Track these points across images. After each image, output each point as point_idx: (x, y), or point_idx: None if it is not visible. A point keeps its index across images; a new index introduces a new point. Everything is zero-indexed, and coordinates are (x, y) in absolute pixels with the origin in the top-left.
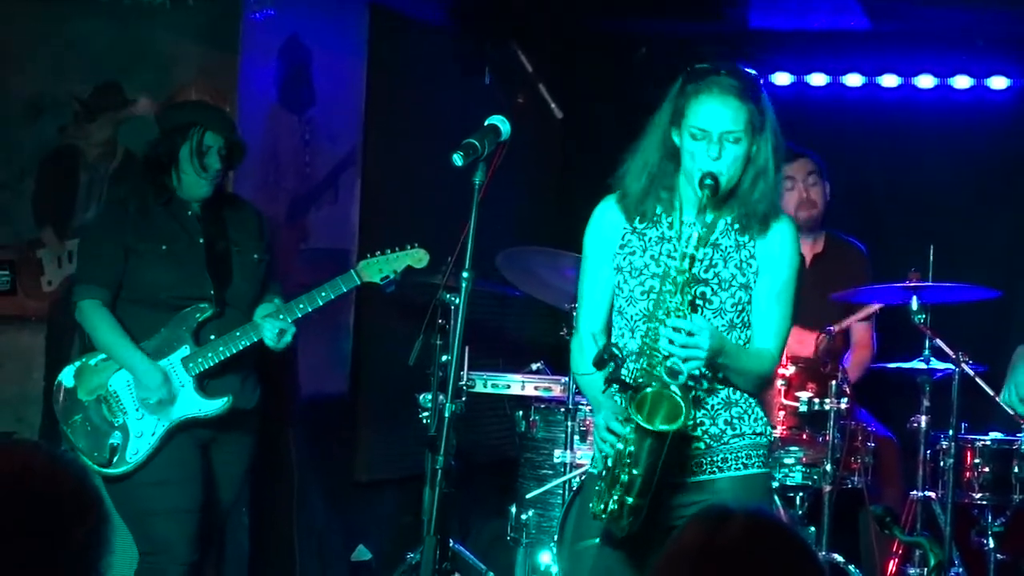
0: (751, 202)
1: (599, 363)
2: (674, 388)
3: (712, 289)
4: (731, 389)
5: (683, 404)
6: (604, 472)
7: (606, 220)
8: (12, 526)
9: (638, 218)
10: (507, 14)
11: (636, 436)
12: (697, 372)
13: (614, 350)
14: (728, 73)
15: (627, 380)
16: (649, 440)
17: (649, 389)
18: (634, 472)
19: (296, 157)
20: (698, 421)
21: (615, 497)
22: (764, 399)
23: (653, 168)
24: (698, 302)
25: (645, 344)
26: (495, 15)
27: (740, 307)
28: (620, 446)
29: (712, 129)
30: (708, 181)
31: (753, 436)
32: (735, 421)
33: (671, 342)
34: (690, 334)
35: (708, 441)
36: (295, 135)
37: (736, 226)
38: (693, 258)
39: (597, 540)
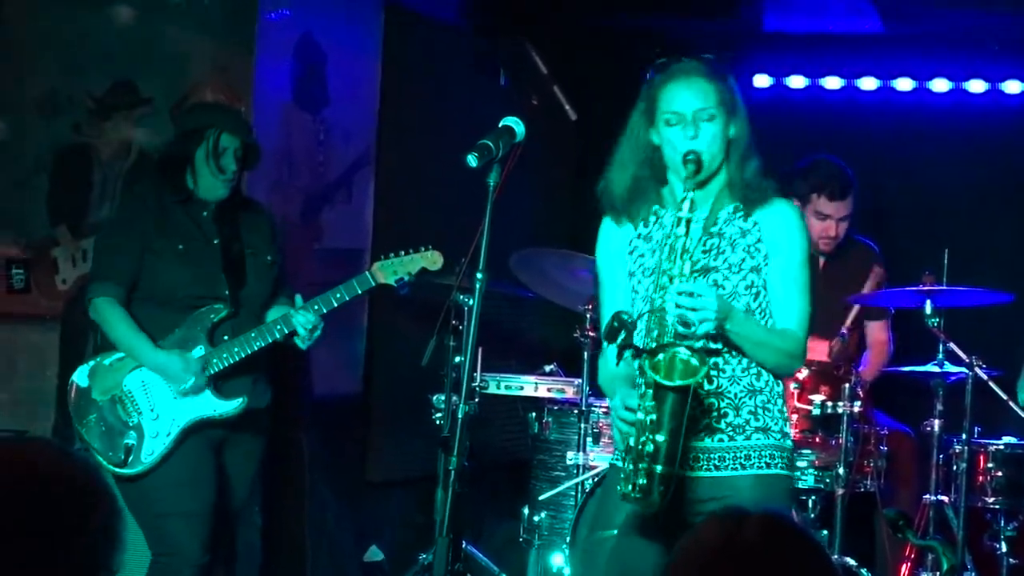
0: (743, 179)
1: (610, 334)
2: (684, 350)
3: (724, 275)
4: (753, 376)
5: (696, 360)
6: (628, 451)
7: (613, 233)
8: (22, 522)
9: (641, 223)
10: (521, 15)
11: (655, 402)
12: (724, 347)
13: (623, 316)
14: (690, 58)
15: (640, 346)
16: (669, 401)
17: (661, 355)
18: (658, 439)
19: (310, 156)
20: (722, 412)
21: (642, 470)
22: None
23: (634, 170)
24: (696, 275)
25: (653, 315)
26: (509, 16)
27: (755, 291)
28: (641, 415)
29: (684, 110)
30: (691, 156)
31: (779, 436)
32: (759, 411)
33: (678, 306)
34: (695, 295)
35: (731, 434)
36: (309, 134)
37: (739, 214)
38: (689, 221)
39: (614, 531)
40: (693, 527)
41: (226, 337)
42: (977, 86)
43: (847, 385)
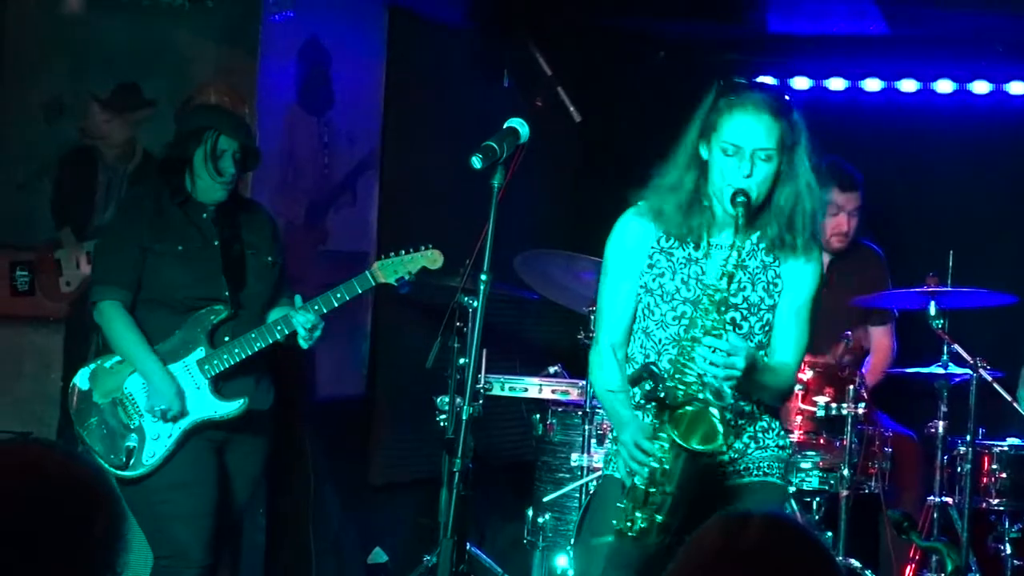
0: (794, 224)
1: (635, 380)
2: (714, 411)
3: (742, 314)
4: (754, 405)
5: (720, 428)
6: (629, 490)
7: (633, 233)
8: (28, 525)
9: (664, 236)
10: (526, 17)
11: (670, 455)
12: (731, 391)
13: (653, 368)
14: (763, 89)
15: (663, 398)
16: (683, 459)
17: (690, 408)
18: (666, 490)
19: (314, 159)
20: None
21: (644, 515)
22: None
23: (687, 185)
24: (728, 327)
25: (678, 361)
26: (514, 18)
27: (767, 328)
28: (655, 465)
29: (745, 145)
30: (740, 199)
31: (776, 449)
32: (759, 435)
33: (707, 361)
34: (729, 354)
35: (732, 455)
36: (314, 137)
37: (763, 245)
38: (732, 276)
39: (611, 538)
40: (697, 532)
41: (226, 338)
42: (981, 87)
43: (851, 387)
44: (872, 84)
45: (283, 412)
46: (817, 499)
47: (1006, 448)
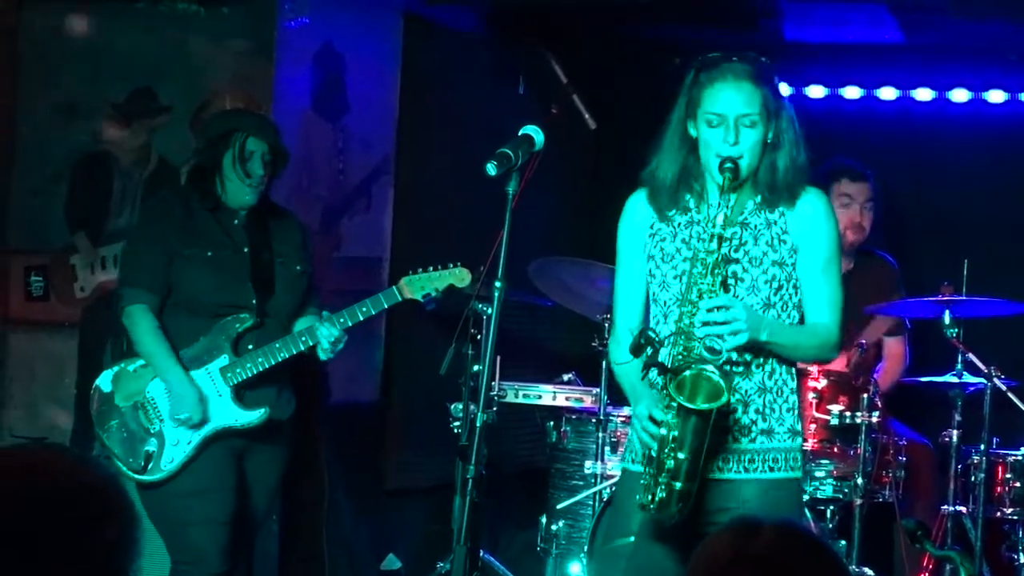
0: (774, 179)
1: (636, 349)
2: (712, 369)
3: (743, 267)
4: (765, 375)
5: (722, 383)
6: (647, 462)
7: (636, 213)
8: (39, 529)
9: (667, 208)
10: (541, 23)
11: (679, 419)
12: (738, 352)
13: (650, 334)
14: (740, 59)
15: (665, 364)
16: (692, 421)
17: (688, 371)
18: (679, 456)
19: (330, 164)
20: (732, 408)
21: (662, 484)
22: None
23: (678, 162)
24: (729, 281)
25: (680, 327)
26: (529, 24)
27: (776, 284)
28: (664, 431)
29: (727, 113)
30: (728, 165)
31: (785, 437)
32: (765, 411)
33: (706, 323)
34: (727, 308)
35: (736, 435)
36: (329, 142)
37: (765, 206)
38: (721, 237)
39: (629, 539)
40: (707, 537)
41: (251, 347)
42: (996, 96)
43: (865, 396)
44: (887, 93)
45: (297, 419)
46: (831, 508)
47: (1020, 457)
